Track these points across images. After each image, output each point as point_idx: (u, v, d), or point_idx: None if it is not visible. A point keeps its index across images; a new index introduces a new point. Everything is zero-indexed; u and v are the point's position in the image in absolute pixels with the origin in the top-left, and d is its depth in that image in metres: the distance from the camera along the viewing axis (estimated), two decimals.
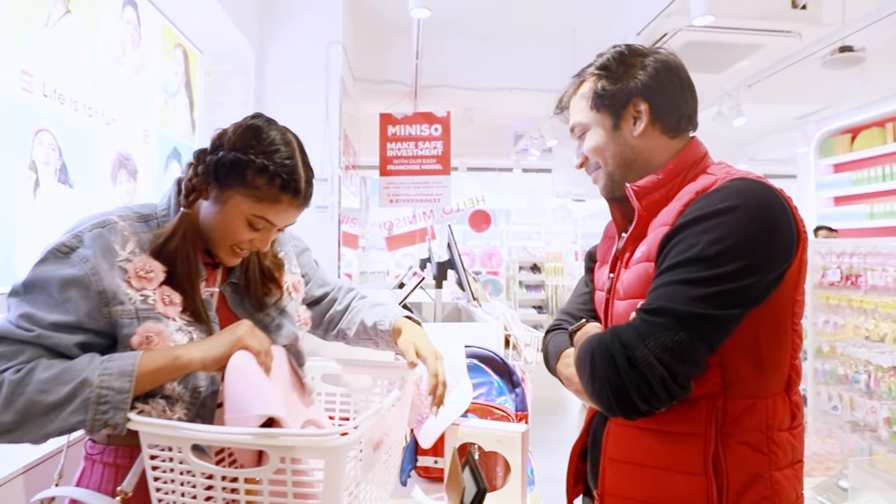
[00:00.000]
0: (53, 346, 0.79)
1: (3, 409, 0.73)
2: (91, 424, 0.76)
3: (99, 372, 0.77)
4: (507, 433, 1.03)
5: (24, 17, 1.84)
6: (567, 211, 11.70)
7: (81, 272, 0.81)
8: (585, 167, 1.05)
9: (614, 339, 0.84)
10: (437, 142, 4.64)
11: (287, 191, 0.90)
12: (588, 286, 1.14)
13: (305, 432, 0.69)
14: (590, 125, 1.01)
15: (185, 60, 3.16)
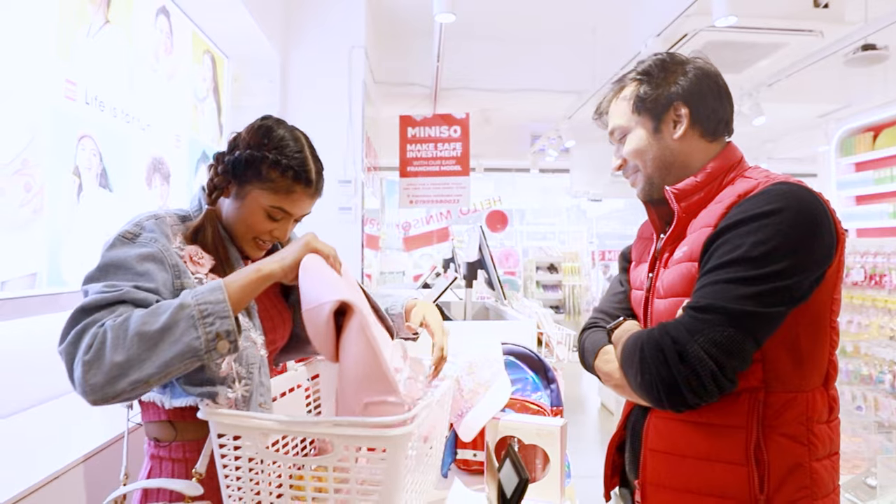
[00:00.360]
0: (141, 303, 0.81)
1: (114, 349, 0.73)
2: (205, 341, 0.76)
3: (191, 295, 0.79)
4: (547, 426, 1.07)
5: (67, 28, 1.91)
6: (581, 211, 11.69)
7: (154, 249, 0.87)
8: (623, 170, 1.09)
9: (664, 334, 0.87)
10: (457, 143, 4.68)
11: (299, 181, 0.98)
12: (623, 285, 1.18)
13: (367, 421, 0.74)
14: (630, 128, 1.04)
15: (214, 66, 3.24)
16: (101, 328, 0.76)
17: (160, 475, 0.93)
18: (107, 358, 0.73)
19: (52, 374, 1.80)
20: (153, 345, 0.75)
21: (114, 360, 0.73)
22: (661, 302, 1.00)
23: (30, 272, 1.75)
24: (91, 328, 0.76)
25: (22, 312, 1.70)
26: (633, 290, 1.13)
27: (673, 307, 0.95)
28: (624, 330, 1.02)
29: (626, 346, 0.95)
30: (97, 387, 0.73)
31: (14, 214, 1.67)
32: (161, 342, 0.75)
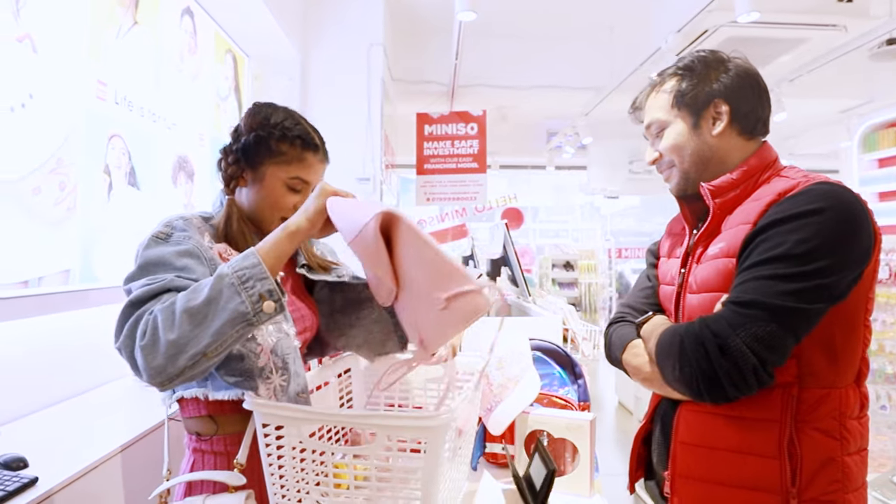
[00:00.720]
0: (184, 288, 0.82)
1: (166, 330, 0.75)
2: (251, 303, 0.77)
3: (227, 266, 0.80)
4: (577, 421, 1.09)
5: (98, 29, 1.96)
6: (595, 208, 11.64)
7: (190, 246, 0.90)
8: (657, 164, 1.10)
9: (704, 328, 0.88)
10: (473, 140, 4.68)
11: (308, 148, 1.02)
12: (651, 280, 1.19)
13: (407, 413, 0.75)
14: (669, 123, 1.05)
15: (235, 65, 3.29)
16: (152, 315, 0.78)
17: (202, 468, 0.96)
18: (161, 339, 0.75)
19: (85, 366, 1.86)
20: (202, 318, 0.77)
21: (168, 339, 0.75)
22: (694, 297, 1.01)
23: (64, 269, 1.80)
24: (142, 318, 0.79)
25: (57, 308, 1.75)
26: (661, 286, 1.14)
27: (707, 302, 0.96)
28: (655, 324, 1.03)
29: (662, 340, 0.96)
30: (160, 368, 0.75)
31: (49, 212, 1.72)
32: (209, 313, 0.77)
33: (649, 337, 1.02)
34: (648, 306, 1.14)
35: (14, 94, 1.58)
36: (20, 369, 1.61)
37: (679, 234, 1.14)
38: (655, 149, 1.09)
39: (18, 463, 1.27)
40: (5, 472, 1.22)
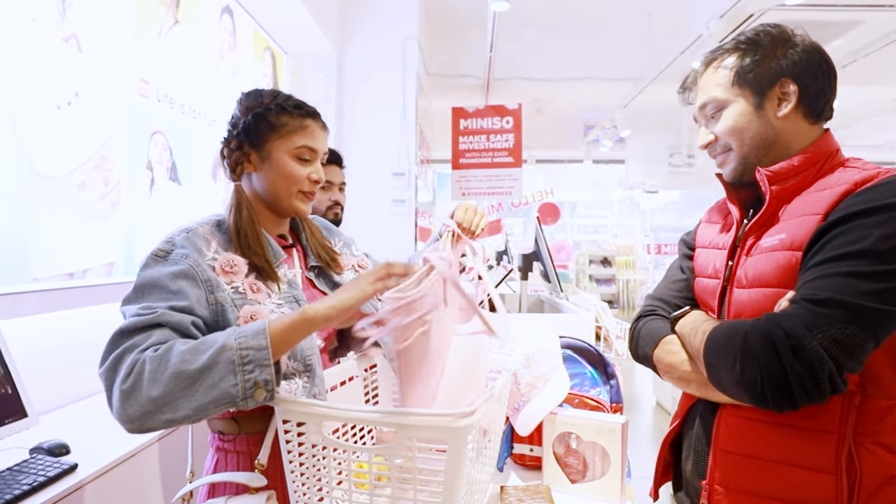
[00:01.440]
0: (176, 325, 0.81)
1: (150, 383, 0.73)
2: (242, 388, 0.75)
3: (234, 336, 0.77)
4: (608, 423, 1.05)
5: (141, 28, 2.01)
6: (634, 203, 11.36)
7: (186, 266, 0.88)
8: (710, 148, 1.02)
9: (774, 326, 0.79)
10: (509, 134, 4.64)
11: (307, 116, 1.02)
12: (685, 273, 1.12)
13: (430, 412, 0.74)
14: (728, 102, 0.97)
15: (273, 63, 3.34)
16: (141, 357, 0.76)
17: (226, 467, 0.97)
18: (143, 391, 0.73)
19: None
20: (190, 385, 0.74)
21: (150, 395, 0.73)
22: (743, 292, 0.94)
23: (108, 261, 1.87)
24: (129, 354, 0.77)
25: (101, 299, 1.81)
26: (698, 279, 1.07)
27: (760, 298, 0.89)
28: (696, 320, 0.97)
29: (716, 336, 0.88)
30: (133, 418, 0.73)
31: (94, 207, 1.78)
32: (198, 383, 0.74)
33: (691, 332, 0.95)
34: (682, 300, 1.08)
35: (61, 92, 1.64)
36: (65, 359, 1.68)
37: (723, 223, 1.07)
38: (711, 131, 1.01)
39: (61, 449, 1.32)
40: (48, 458, 1.28)
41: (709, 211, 1.15)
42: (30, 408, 1.32)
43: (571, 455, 1.10)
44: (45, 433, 1.36)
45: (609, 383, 1.23)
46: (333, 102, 3.58)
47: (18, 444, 1.30)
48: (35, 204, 1.56)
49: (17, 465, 1.22)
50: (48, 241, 1.60)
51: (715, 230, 1.08)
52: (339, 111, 3.65)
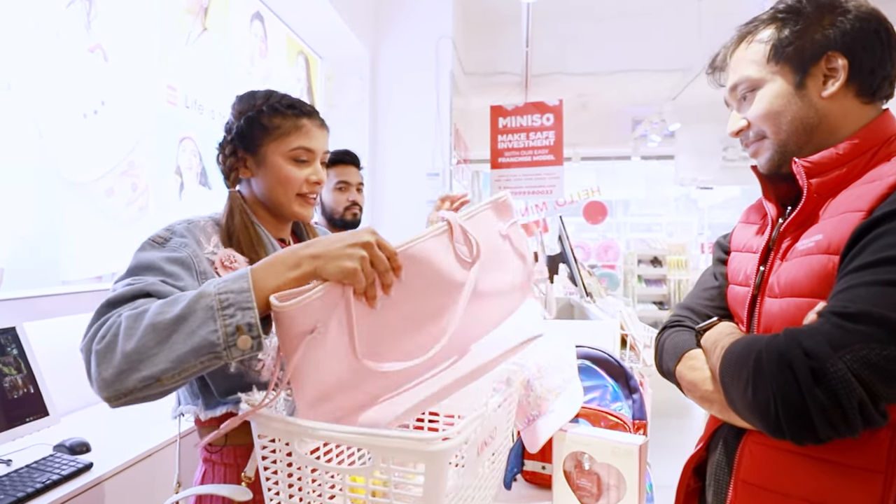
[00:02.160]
0: (166, 294, 0.75)
1: (125, 339, 0.66)
2: (224, 334, 0.66)
3: (214, 284, 0.69)
4: (623, 444, 0.95)
5: (168, 36, 2.05)
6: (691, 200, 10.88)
7: (184, 254, 0.85)
8: (742, 136, 0.89)
9: (793, 344, 0.68)
10: (549, 132, 4.51)
11: (302, 115, 0.97)
12: (718, 279, 1.00)
13: (407, 434, 0.67)
14: (763, 81, 0.84)
15: (307, 67, 3.37)
16: (119, 318, 0.69)
17: (213, 479, 0.94)
18: (118, 347, 0.66)
19: None
20: (166, 336, 0.66)
21: (124, 350, 0.65)
22: (774, 302, 0.82)
23: None
24: (109, 320, 0.70)
25: None
26: (731, 286, 0.95)
27: (793, 310, 0.77)
28: (720, 333, 0.86)
29: (731, 353, 0.77)
30: (109, 381, 0.65)
31: (122, 212, 1.82)
32: (174, 333, 0.66)
33: (711, 347, 0.84)
34: (712, 310, 0.96)
35: (86, 101, 1.68)
36: None
37: (760, 224, 0.94)
38: (742, 116, 0.87)
39: (82, 447, 1.36)
40: (66, 456, 1.30)
41: (747, 209, 1.02)
42: (51, 407, 1.36)
43: (584, 476, 1.00)
44: (70, 432, 1.39)
45: (631, 397, 1.13)
46: (367, 104, 3.57)
47: (44, 440, 1.35)
48: (63, 210, 1.60)
49: (35, 463, 1.25)
50: (77, 246, 1.64)
51: (751, 231, 0.95)
52: (374, 113, 3.64)
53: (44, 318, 1.53)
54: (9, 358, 1.33)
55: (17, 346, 1.35)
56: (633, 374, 1.15)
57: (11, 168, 1.45)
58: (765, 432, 0.72)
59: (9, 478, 1.18)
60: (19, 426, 1.29)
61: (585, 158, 7.37)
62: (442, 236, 0.80)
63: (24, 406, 1.32)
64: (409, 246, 0.77)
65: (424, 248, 0.81)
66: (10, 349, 1.34)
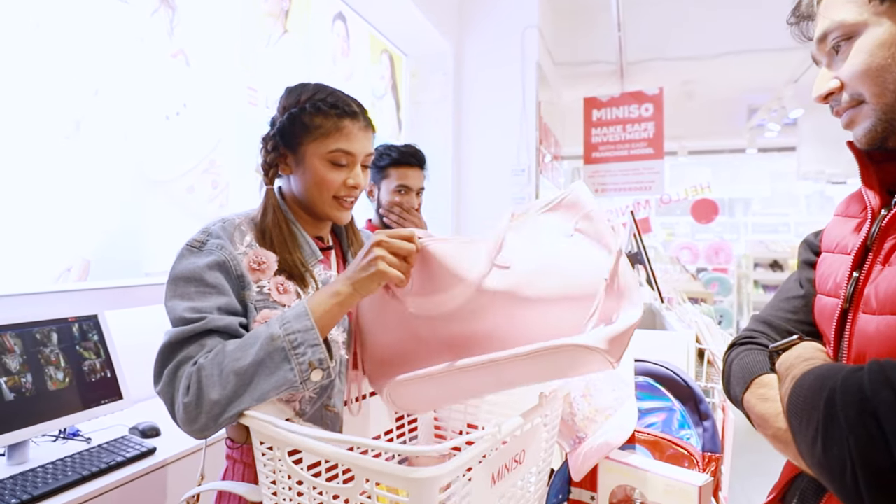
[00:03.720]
0: (225, 329, 0.81)
1: (210, 389, 0.75)
2: (299, 372, 0.76)
3: (279, 324, 0.78)
4: (679, 483, 0.79)
5: (249, 40, 2.13)
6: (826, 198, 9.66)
7: (221, 257, 0.85)
8: (832, 101, 0.71)
9: (880, 382, 0.53)
10: (648, 123, 4.19)
11: (345, 116, 0.93)
12: (803, 287, 0.81)
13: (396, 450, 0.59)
14: (863, 27, 0.66)
15: (391, 65, 3.38)
16: (195, 367, 0.76)
17: (233, 477, 0.92)
18: (206, 398, 0.74)
19: None
20: (248, 379, 0.75)
21: (212, 399, 0.74)
22: (870, 320, 0.63)
23: None
24: (183, 367, 0.77)
25: None
26: (818, 296, 0.76)
27: (894, 332, 0.59)
28: (797, 357, 0.68)
29: (800, 388, 0.61)
30: (202, 427, 0.75)
31: (203, 209, 1.91)
32: (255, 376, 0.75)
33: (783, 375, 0.68)
34: (794, 325, 0.77)
35: (168, 104, 1.77)
36: None
37: (859, 217, 0.74)
38: (835, 75, 0.69)
39: (153, 431, 1.44)
40: (136, 438, 1.38)
41: (847, 199, 0.80)
42: (126, 391, 1.45)
43: None
44: (143, 416, 1.48)
45: (702, 425, 0.95)
46: (451, 100, 3.52)
47: (121, 422, 1.45)
48: (146, 206, 1.70)
49: (107, 444, 1.34)
50: (159, 240, 1.74)
51: (848, 227, 0.75)
52: (457, 109, 3.58)
53: (125, 307, 1.63)
54: (90, 343, 1.43)
55: (97, 332, 1.45)
56: (705, 397, 0.97)
57: (99, 167, 1.56)
58: (840, 498, 0.55)
59: (81, 455, 1.27)
60: (95, 407, 1.38)
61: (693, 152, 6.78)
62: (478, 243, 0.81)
63: (101, 389, 1.41)
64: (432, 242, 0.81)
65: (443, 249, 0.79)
66: (91, 335, 1.43)
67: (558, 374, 0.78)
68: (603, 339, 0.70)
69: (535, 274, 0.78)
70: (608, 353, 0.69)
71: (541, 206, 0.79)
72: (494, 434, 0.67)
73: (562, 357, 0.73)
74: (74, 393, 1.34)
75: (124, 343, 1.50)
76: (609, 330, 0.71)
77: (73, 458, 1.25)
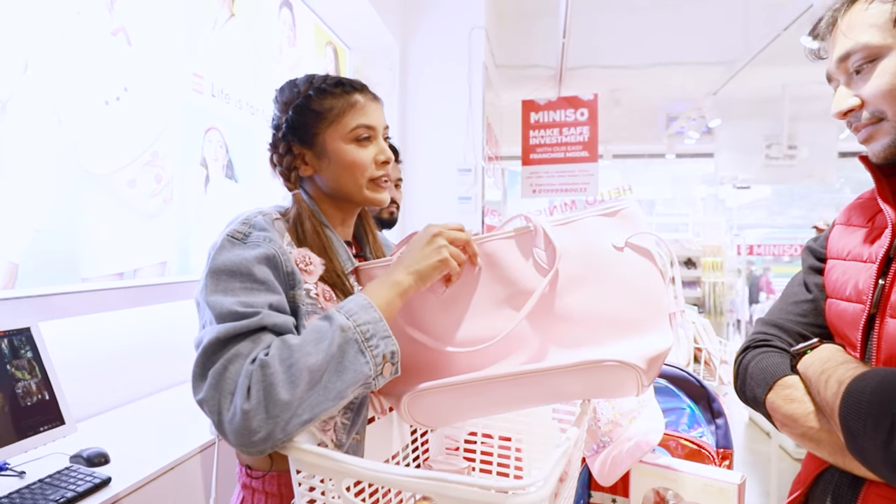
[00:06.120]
0: (281, 329, 0.71)
1: (279, 388, 0.64)
2: (373, 365, 0.69)
3: (345, 315, 0.70)
4: (718, 482, 0.81)
5: (194, 22, 1.95)
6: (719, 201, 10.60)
7: (270, 251, 0.76)
8: (850, 117, 0.76)
9: None
10: (583, 127, 4.33)
11: (353, 91, 0.88)
12: (812, 291, 0.86)
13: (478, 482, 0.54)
14: (887, 50, 0.71)
15: (336, 58, 3.26)
16: (255, 366, 0.65)
17: None
18: (275, 401, 0.63)
19: (178, 360, 1.87)
20: (319, 377, 0.66)
21: (282, 400, 0.63)
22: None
23: (160, 260, 1.81)
24: (232, 366, 0.65)
25: (153, 300, 1.76)
26: (831, 301, 0.81)
27: None
28: (828, 359, 0.71)
29: (861, 391, 0.64)
30: (264, 438, 0.62)
31: (146, 204, 1.72)
32: (328, 373, 0.66)
33: (820, 378, 0.71)
34: (806, 328, 0.82)
35: (109, 87, 1.58)
36: (110, 362, 1.63)
37: (869, 227, 0.80)
38: (855, 93, 0.74)
39: (100, 458, 1.25)
40: (83, 468, 1.20)
41: (847, 209, 0.86)
42: (67, 414, 1.26)
43: None
44: (86, 440, 1.30)
45: (715, 422, 0.98)
46: (396, 97, 3.45)
47: (60, 449, 1.25)
48: (83, 202, 1.50)
49: (50, 477, 1.15)
50: (97, 240, 1.55)
51: (857, 237, 0.80)
52: (402, 106, 3.52)
53: (61, 317, 1.43)
54: (22, 361, 1.23)
55: (31, 348, 1.25)
56: (716, 396, 1.00)
57: (28, 156, 1.36)
58: None
59: (20, 494, 1.08)
60: (33, 436, 1.18)
61: (617, 156, 7.15)
62: (522, 237, 0.77)
63: (39, 414, 1.22)
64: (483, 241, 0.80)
65: (495, 247, 0.75)
66: (23, 351, 1.24)
67: (594, 393, 0.76)
68: (642, 358, 0.69)
69: (581, 279, 0.76)
70: (645, 374, 0.69)
71: (599, 209, 0.76)
72: (567, 448, 0.63)
73: (600, 374, 0.71)
74: (6, 421, 1.14)
75: (62, 357, 1.31)
76: (646, 349, 0.70)
77: (11, 499, 1.06)
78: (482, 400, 0.76)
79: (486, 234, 0.80)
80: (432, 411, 0.79)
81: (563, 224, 0.77)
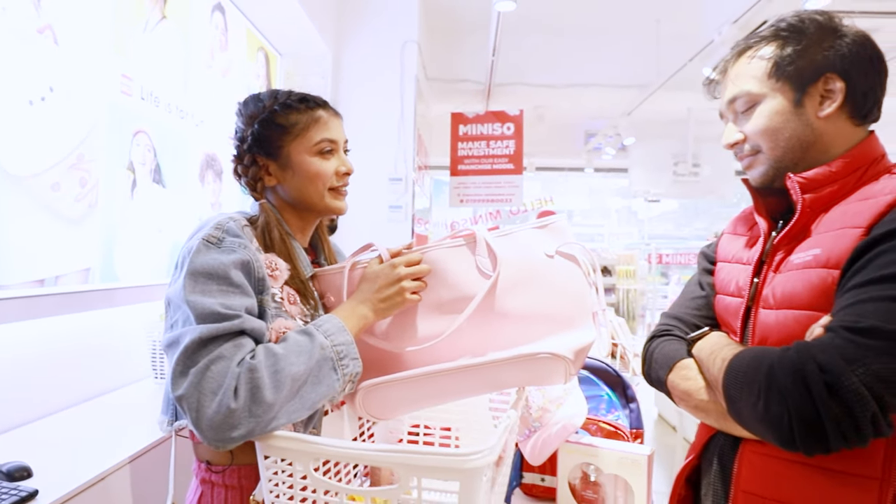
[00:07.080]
0: (258, 332, 0.77)
1: (265, 391, 0.69)
2: (342, 382, 0.77)
3: (323, 334, 0.78)
4: (631, 455, 0.93)
5: (124, 23, 1.90)
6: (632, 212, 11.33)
7: (245, 256, 0.80)
8: (736, 149, 0.92)
9: (806, 358, 0.69)
10: (510, 141, 4.54)
11: (316, 107, 0.93)
12: (705, 289, 1.01)
13: (439, 451, 0.62)
14: (763, 97, 0.86)
15: (267, 63, 3.23)
16: (243, 369, 0.70)
17: (211, 502, 0.85)
18: (259, 402, 0.69)
19: (102, 368, 1.80)
20: (299, 386, 0.73)
21: (266, 402, 0.69)
22: (770, 314, 0.83)
23: (84, 267, 1.74)
24: (217, 366, 0.69)
25: (76, 307, 1.69)
26: (719, 296, 0.97)
27: (790, 321, 0.79)
28: (715, 344, 0.86)
29: (738, 365, 0.78)
30: (242, 435, 0.68)
31: (69, 209, 1.66)
32: (305, 384, 0.74)
33: (709, 358, 0.85)
34: (700, 319, 0.97)
35: (33, 87, 1.52)
36: (30, 372, 1.55)
37: (749, 236, 0.96)
38: (740, 129, 0.90)
39: (22, 472, 1.20)
40: (4, 483, 1.15)
41: (733, 221, 1.04)
42: None
43: (590, 488, 0.97)
44: (5, 454, 1.24)
45: (629, 407, 1.11)
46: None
47: None
48: (2, 206, 1.43)
49: None
50: (17, 246, 1.48)
51: (739, 243, 0.97)
52: None
53: None
54: None
55: None
56: (631, 385, 1.13)
57: None
58: (776, 444, 0.73)
59: None
60: None
61: (540, 169, 7.49)
62: (462, 247, 0.86)
63: None
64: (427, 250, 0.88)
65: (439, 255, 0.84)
66: None
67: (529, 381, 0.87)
68: (570, 350, 0.81)
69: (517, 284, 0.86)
70: (573, 364, 0.80)
71: (533, 223, 0.87)
72: (509, 424, 0.73)
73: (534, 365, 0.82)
74: None
75: None
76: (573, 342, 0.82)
77: None
78: (431, 390, 0.84)
79: (431, 243, 0.88)
80: (385, 403, 0.86)
81: (502, 236, 0.87)
